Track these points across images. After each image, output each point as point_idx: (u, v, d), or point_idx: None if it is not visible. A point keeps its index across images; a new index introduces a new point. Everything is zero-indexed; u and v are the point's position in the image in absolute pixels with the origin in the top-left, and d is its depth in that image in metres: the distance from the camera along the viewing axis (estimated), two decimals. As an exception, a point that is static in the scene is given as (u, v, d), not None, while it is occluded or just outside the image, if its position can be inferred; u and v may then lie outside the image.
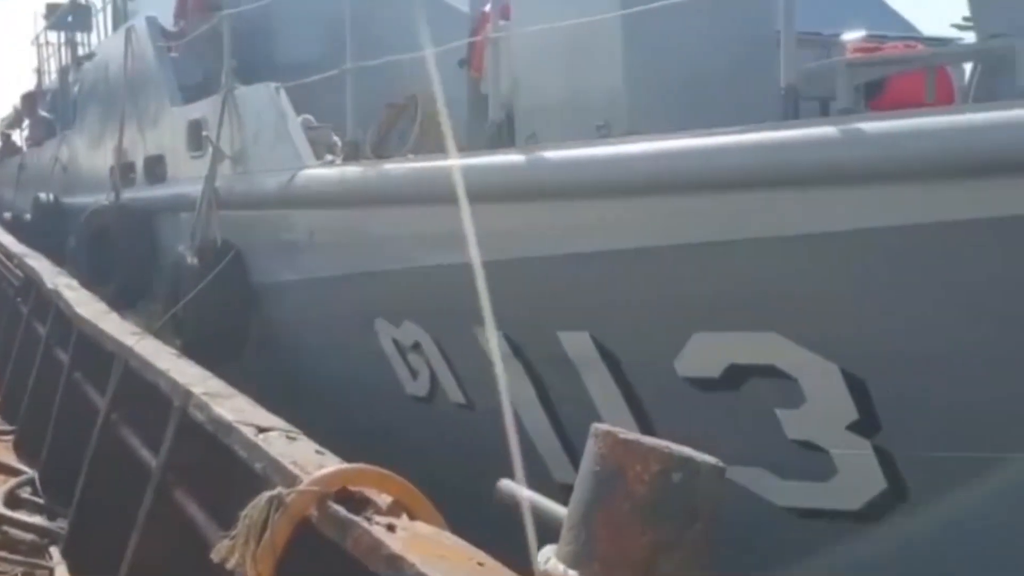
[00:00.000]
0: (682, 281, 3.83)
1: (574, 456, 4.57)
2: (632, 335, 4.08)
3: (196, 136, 7.20)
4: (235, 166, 6.58)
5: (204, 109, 7.19)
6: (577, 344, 4.31)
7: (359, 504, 2.41)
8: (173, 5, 8.97)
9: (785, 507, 3.95)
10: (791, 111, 3.53)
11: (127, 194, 8.75)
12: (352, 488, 2.45)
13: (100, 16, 15.78)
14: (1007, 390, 3.27)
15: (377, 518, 2.33)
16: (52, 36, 17.70)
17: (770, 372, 3.73)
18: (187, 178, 7.46)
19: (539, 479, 2.21)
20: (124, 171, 8.91)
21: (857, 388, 3.56)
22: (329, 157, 6.08)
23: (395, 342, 5.31)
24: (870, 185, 3.21)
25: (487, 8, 7.11)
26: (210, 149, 6.67)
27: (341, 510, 2.36)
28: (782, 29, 3.67)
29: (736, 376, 3.85)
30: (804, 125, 3.41)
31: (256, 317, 6.42)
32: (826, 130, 3.29)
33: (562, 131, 5.50)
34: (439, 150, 7.03)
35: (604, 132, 5.20)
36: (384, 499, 2.44)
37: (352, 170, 5.35)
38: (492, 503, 2.02)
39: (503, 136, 4.91)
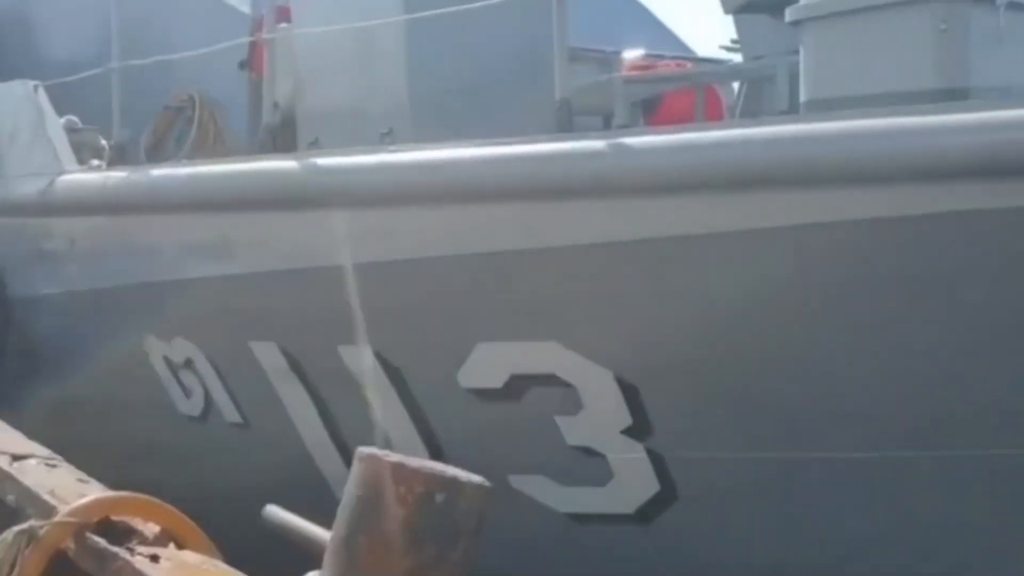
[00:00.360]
0: (465, 291, 3.81)
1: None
2: (415, 347, 4.02)
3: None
4: (-13, 170, 6.02)
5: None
6: (359, 358, 4.19)
7: (123, 534, 2.32)
8: None
9: (566, 513, 4.00)
10: (565, 124, 3.58)
11: None
12: (115, 518, 2.36)
13: None
14: (768, 391, 3.45)
15: (141, 548, 2.26)
16: None
17: (550, 381, 3.77)
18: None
19: (322, 499, 2.13)
20: None
21: (630, 394, 3.66)
22: (95, 162, 5.67)
23: (166, 359, 5.01)
24: (637, 197, 3.31)
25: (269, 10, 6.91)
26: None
27: (101, 541, 2.27)
28: (555, 44, 3.73)
29: (518, 386, 3.87)
30: (573, 138, 3.47)
31: (14, 333, 5.89)
32: (594, 144, 3.37)
33: (346, 137, 5.37)
34: (217, 153, 6.76)
35: (388, 139, 5.12)
36: (151, 528, 2.36)
37: (116, 175, 5.01)
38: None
39: (277, 142, 4.73)
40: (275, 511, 1.95)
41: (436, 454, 4.17)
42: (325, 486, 4.41)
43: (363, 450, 1.65)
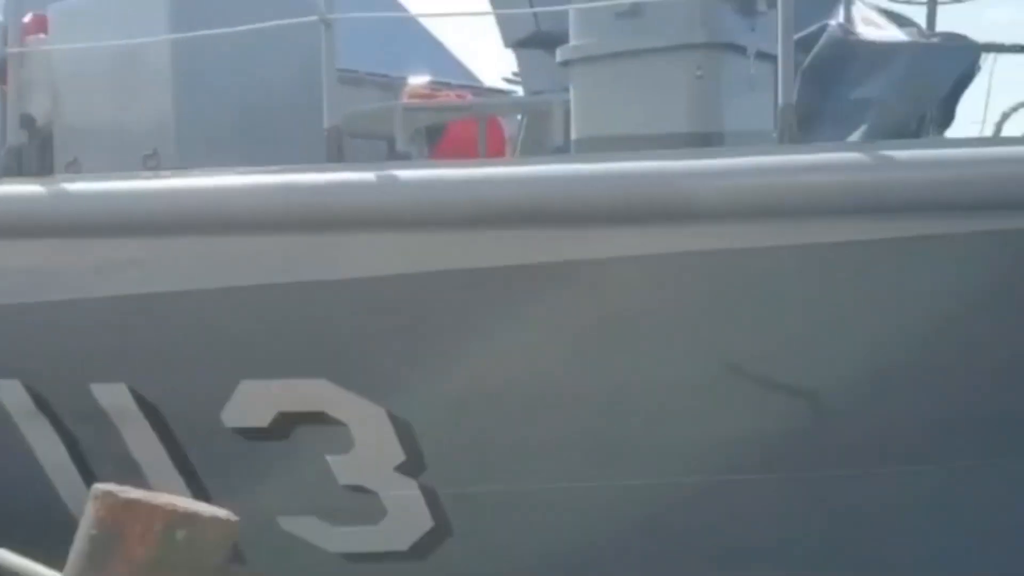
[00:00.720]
0: (228, 327, 3.63)
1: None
2: (175, 385, 3.79)
3: None
4: None
5: None
6: (113, 396, 3.91)
7: None
8: None
9: (339, 553, 3.89)
10: (334, 154, 3.49)
11: None
12: None
13: None
14: (540, 424, 3.48)
15: None
16: None
17: (320, 419, 3.65)
18: None
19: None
20: None
21: (403, 430, 3.60)
22: None
23: None
24: (403, 231, 3.27)
25: (27, 19, 6.39)
26: None
27: None
28: (323, 69, 3.63)
29: (286, 424, 3.72)
30: (339, 169, 3.39)
31: None
32: (361, 175, 3.31)
33: (107, 158, 5.02)
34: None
35: (152, 162, 4.84)
36: None
37: None
38: None
39: (26, 163, 4.35)
40: (5, 555, 1.87)
41: (201, 497, 3.94)
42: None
43: (98, 487, 1.61)
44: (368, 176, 3.29)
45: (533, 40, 5.13)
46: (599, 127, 3.69)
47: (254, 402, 3.69)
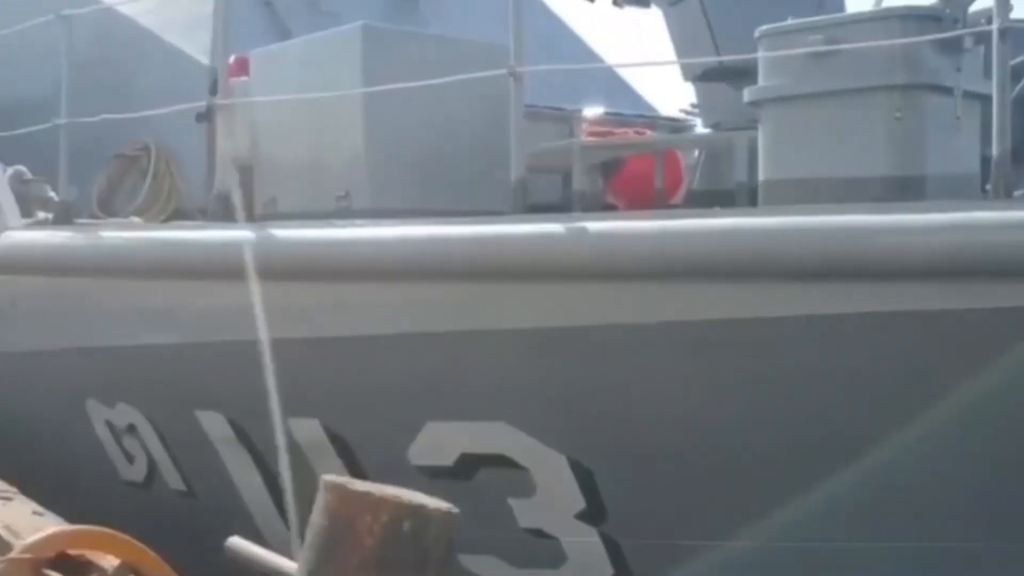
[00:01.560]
0: (416, 369, 3.73)
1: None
2: (364, 422, 3.93)
3: None
4: (-74, 220, 5.84)
5: None
6: (307, 430, 4.09)
7: (82, 569, 2.34)
8: None
9: (518, 594, 3.92)
10: (520, 205, 3.54)
11: None
12: (73, 552, 2.36)
13: None
14: (726, 479, 3.40)
15: None
16: None
17: (501, 462, 3.70)
18: None
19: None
20: None
21: (584, 477, 3.59)
22: (41, 215, 5.52)
23: (108, 424, 4.85)
24: (588, 282, 3.27)
25: (230, 60, 6.81)
26: None
27: None
28: (511, 121, 3.69)
29: (469, 465, 3.78)
30: (529, 221, 3.43)
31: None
32: (550, 227, 3.33)
33: (302, 198, 5.30)
34: (172, 208, 6.63)
35: (344, 202, 5.05)
36: (110, 561, 2.38)
37: (61, 235, 4.88)
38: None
39: (230, 208, 4.63)
40: (239, 543, 1.97)
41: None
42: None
43: (328, 478, 1.67)
44: (557, 228, 3.31)
45: (714, 74, 5.05)
46: (790, 169, 3.58)
47: (439, 442, 3.78)
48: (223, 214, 4.40)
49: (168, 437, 4.64)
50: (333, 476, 1.67)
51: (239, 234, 4.18)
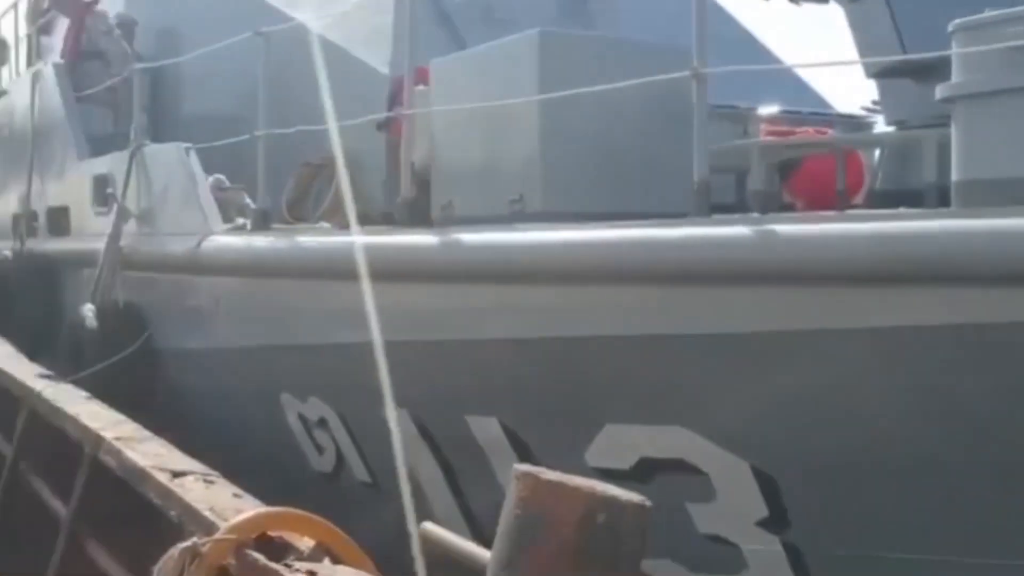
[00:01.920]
0: (595, 372, 3.77)
1: (484, 541, 4.45)
2: (543, 423, 4.00)
3: (101, 191, 6.94)
4: (141, 225, 6.34)
5: (110, 164, 6.94)
6: (486, 429, 4.20)
7: (280, 550, 2.37)
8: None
9: (694, 600, 3.89)
10: (704, 208, 3.52)
11: (30, 244, 8.41)
12: (272, 533, 2.40)
13: (14, 53, 15.36)
14: (915, 492, 3.27)
15: (298, 564, 2.30)
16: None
17: (681, 466, 3.68)
18: (91, 233, 7.18)
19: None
20: (28, 220, 8.57)
21: (767, 485, 3.53)
22: (240, 220, 5.90)
23: (301, 417, 5.14)
24: (775, 287, 3.21)
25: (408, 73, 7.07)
26: (115, 206, 6.42)
27: (260, 558, 2.31)
28: (695, 122, 3.67)
29: (647, 469, 3.79)
30: (714, 224, 3.40)
31: (160, 383, 6.16)
32: (736, 230, 3.28)
33: (477, 201, 5.44)
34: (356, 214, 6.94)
35: (518, 206, 5.15)
36: (306, 543, 2.40)
37: (260, 240, 5.20)
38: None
39: (415, 213, 4.81)
40: (432, 528, 1.95)
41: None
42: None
43: (520, 467, 1.63)
44: (743, 231, 3.27)
45: (899, 70, 4.85)
46: (987, 169, 3.40)
47: (617, 445, 3.80)
48: (409, 219, 4.57)
49: (356, 431, 4.87)
50: (526, 465, 1.63)
51: (425, 239, 4.34)
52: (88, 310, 6.13)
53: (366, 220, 6.82)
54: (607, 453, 3.84)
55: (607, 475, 3.91)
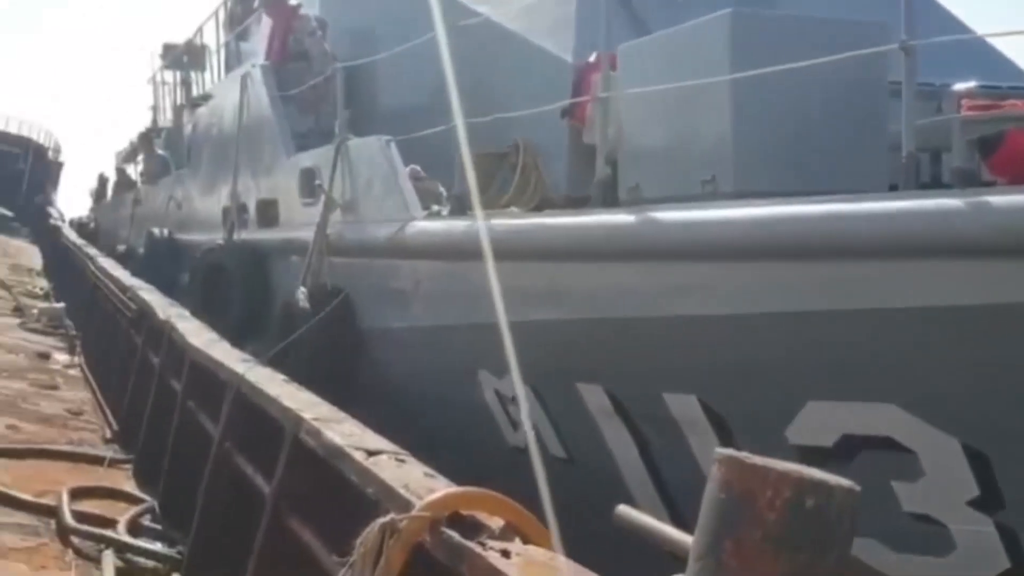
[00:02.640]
0: (797, 349, 3.78)
1: (678, 518, 4.53)
2: (743, 401, 4.04)
3: (309, 184, 7.43)
4: (345, 214, 6.75)
5: (317, 158, 7.42)
6: (684, 406, 4.28)
7: (471, 528, 2.41)
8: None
9: (899, 579, 3.84)
10: (912, 180, 3.46)
11: (240, 235, 9.08)
12: (464, 512, 2.45)
13: (214, 57, 16.48)
14: None
15: (491, 543, 2.33)
16: (168, 75, 18.55)
17: (887, 444, 3.64)
18: (299, 223, 7.69)
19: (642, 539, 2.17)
20: (237, 212, 9.25)
21: (980, 464, 3.45)
22: (435, 207, 6.20)
23: (497, 393, 5.36)
24: (993, 260, 3.13)
25: (592, 59, 7.18)
26: (322, 197, 6.87)
27: (455, 535, 2.36)
28: (903, 101, 3.61)
29: (850, 447, 3.77)
30: (925, 196, 3.35)
31: (363, 360, 6.55)
32: (950, 201, 3.22)
33: (666, 183, 5.48)
34: (538, 199, 7.12)
35: (710, 187, 5.18)
36: (496, 523, 2.43)
37: (458, 225, 5.45)
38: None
39: (608, 194, 4.92)
40: (628, 511, 1.91)
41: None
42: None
43: (722, 451, 1.60)
44: (958, 204, 3.21)
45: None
46: None
47: (820, 422, 3.79)
48: (602, 200, 4.69)
49: (551, 407, 5.04)
50: (729, 450, 1.60)
51: (619, 218, 4.45)
52: (301, 292, 6.59)
53: (548, 205, 7.00)
54: (809, 430, 3.84)
55: (808, 452, 3.91)
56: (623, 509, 1.91)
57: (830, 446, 3.81)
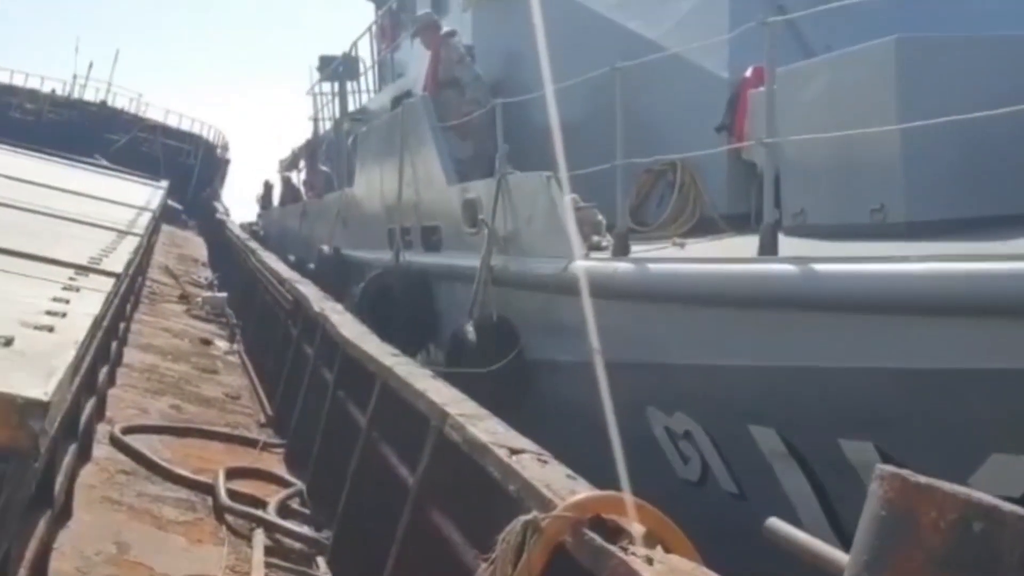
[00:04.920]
0: (981, 402, 3.68)
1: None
2: (924, 451, 3.96)
3: (471, 215, 7.64)
4: (508, 246, 6.93)
5: (479, 190, 7.62)
6: (861, 452, 4.23)
7: (612, 532, 2.37)
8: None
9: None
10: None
11: (404, 257, 9.44)
12: (605, 515, 2.41)
13: (368, 72, 17.07)
14: None
15: (633, 549, 2.28)
16: (326, 86, 19.30)
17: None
18: (460, 250, 7.94)
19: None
20: (403, 235, 9.62)
21: None
22: (595, 239, 6.28)
23: (667, 429, 5.42)
24: None
25: (748, 73, 7.05)
26: (485, 229, 7.07)
27: (596, 538, 2.32)
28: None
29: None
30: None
31: (529, 392, 6.71)
32: None
33: (833, 209, 5.38)
34: (696, 217, 7.07)
35: (879, 216, 5.05)
36: (638, 529, 2.38)
37: (622, 267, 5.51)
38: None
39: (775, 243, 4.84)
40: (779, 524, 1.81)
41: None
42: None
43: (884, 468, 1.52)
44: None
45: None
46: None
47: (1005, 475, 3.69)
48: (771, 248, 4.63)
49: (722, 445, 5.06)
50: (891, 467, 1.51)
51: (782, 268, 4.41)
52: (470, 326, 6.82)
53: (708, 224, 6.96)
54: (994, 482, 3.74)
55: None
56: (773, 522, 1.82)
57: (1018, 497, 3.70)
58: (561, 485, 2.66)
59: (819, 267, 4.24)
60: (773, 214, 4.79)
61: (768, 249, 4.65)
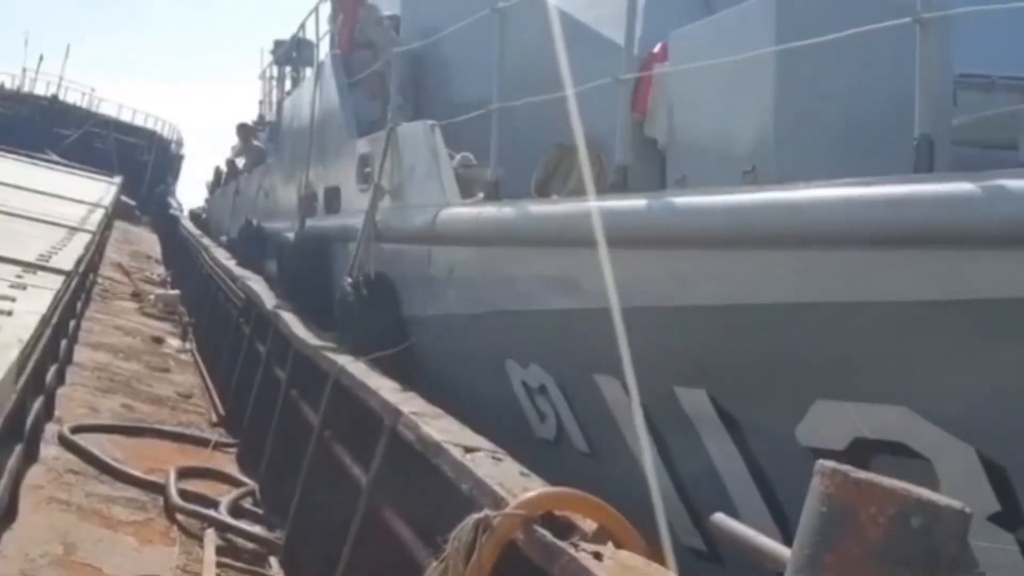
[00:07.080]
0: (803, 342, 3.54)
1: (698, 520, 4.31)
2: (750, 397, 3.81)
3: (363, 170, 7.47)
4: (394, 200, 6.74)
5: (371, 145, 7.45)
6: (695, 402, 4.07)
7: (564, 529, 2.44)
8: None
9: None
10: (923, 164, 3.18)
11: (310, 223, 9.21)
12: (557, 512, 2.48)
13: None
14: None
15: (583, 545, 2.35)
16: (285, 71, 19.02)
17: (900, 450, 3.37)
18: (356, 210, 7.75)
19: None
20: (309, 201, 9.39)
21: (997, 476, 3.15)
22: (480, 195, 6.12)
23: (524, 384, 5.24)
24: (1013, 248, 2.83)
25: (656, 50, 6.97)
26: (372, 184, 6.89)
27: (547, 535, 2.39)
28: (916, 73, 3.33)
29: (863, 451, 3.50)
30: (938, 180, 3.06)
31: (409, 352, 6.52)
32: (963, 186, 2.93)
33: (711, 174, 5.27)
34: (601, 191, 6.95)
35: (751, 178, 4.94)
36: (589, 525, 2.45)
37: (486, 211, 5.36)
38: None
39: (634, 180, 4.75)
40: (724, 519, 1.89)
41: (777, 513, 3.92)
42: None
43: (826, 464, 1.58)
44: (969, 187, 2.91)
45: None
46: None
47: (829, 423, 3.54)
48: (622, 186, 4.53)
49: (572, 399, 4.90)
50: (830, 462, 1.59)
51: (632, 203, 4.28)
52: (346, 283, 6.61)
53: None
54: (818, 432, 3.60)
55: (820, 456, 3.65)
56: (719, 517, 1.89)
57: (842, 449, 3.55)
58: (514, 483, 2.72)
59: (650, 202, 4.13)
60: (627, 156, 4.68)
61: (617, 187, 4.52)
